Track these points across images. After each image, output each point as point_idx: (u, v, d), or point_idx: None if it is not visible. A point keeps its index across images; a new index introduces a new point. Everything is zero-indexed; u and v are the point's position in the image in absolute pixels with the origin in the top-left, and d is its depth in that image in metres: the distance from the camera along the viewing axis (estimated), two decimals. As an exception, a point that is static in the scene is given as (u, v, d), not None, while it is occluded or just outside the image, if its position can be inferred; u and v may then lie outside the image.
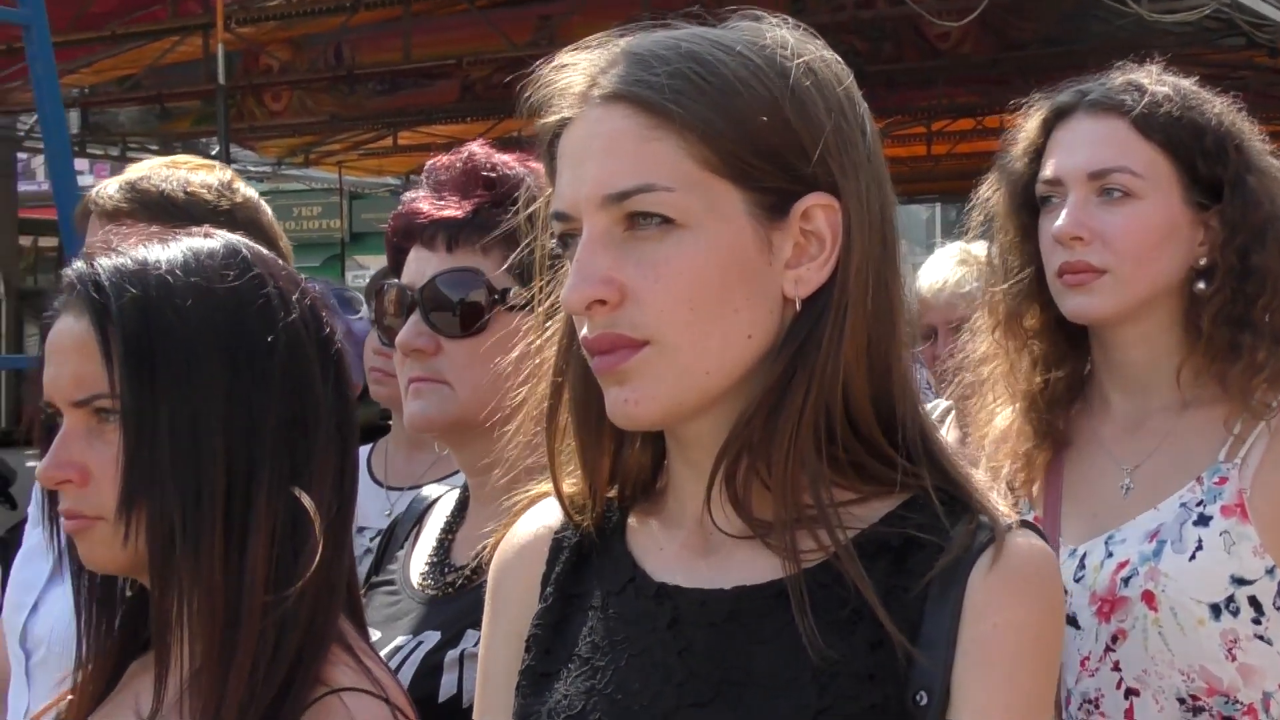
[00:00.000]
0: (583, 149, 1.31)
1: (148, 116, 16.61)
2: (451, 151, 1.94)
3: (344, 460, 1.52)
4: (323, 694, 1.43)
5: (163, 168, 2.45)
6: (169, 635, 1.47)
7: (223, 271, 1.48)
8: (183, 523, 1.42)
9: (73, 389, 1.46)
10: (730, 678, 1.29)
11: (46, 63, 4.81)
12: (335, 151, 18.39)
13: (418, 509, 2.03)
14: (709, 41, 1.31)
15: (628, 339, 1.28)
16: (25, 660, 2.30)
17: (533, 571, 1.45)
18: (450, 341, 1.82)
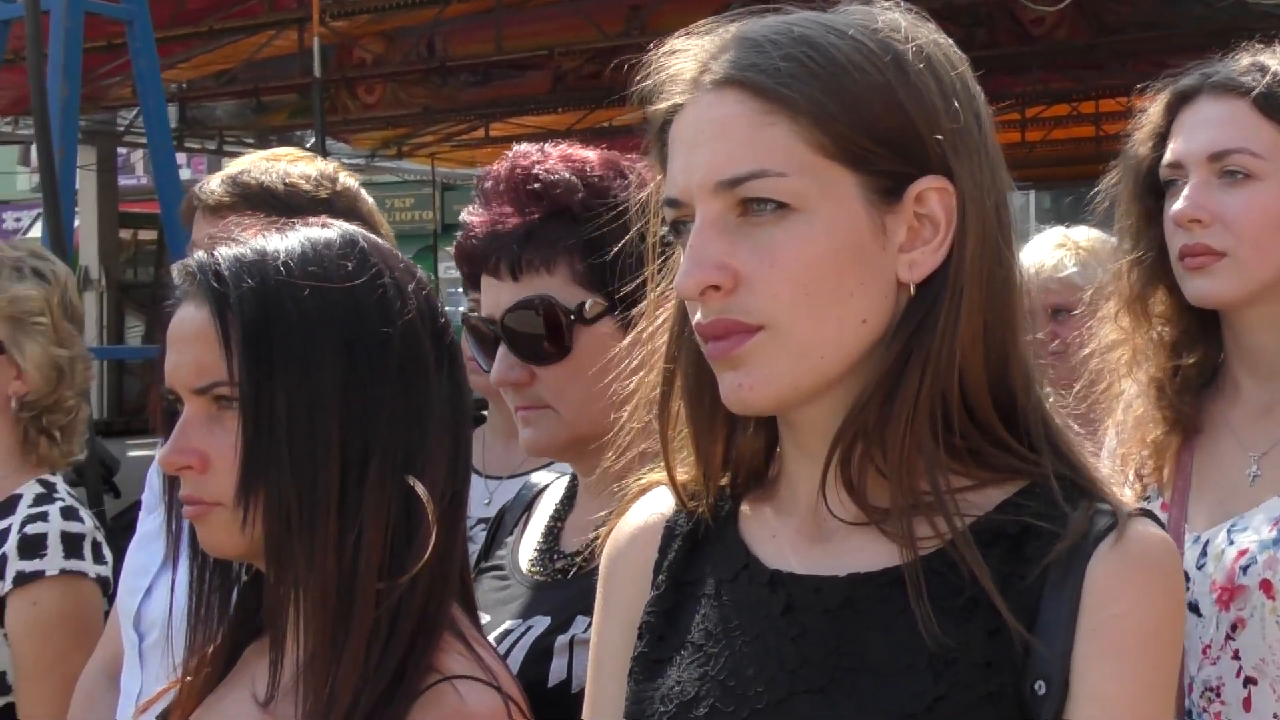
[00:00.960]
0: (695, 135, 1.30)
1: (244, 110, 16.79)
2: (500, 159, 1.92)
3: (457, 449, 1.53)
4: (435, 681, 1.44)
5: (262, 161, 2.49)
6: (283, 620, 1.49)
7: (340, 261, 1.49)
8: (298, 509, 1.44)
9: (193, 377, 1.48)
10: (844, 664, 1.28)
11: (149, 58, 4.89)
12: (428, 143, 18.50)
13: (526, 496, 2.04)
14: (821, 25, 1.30)
15: (742, 324, 1.27)
16: (138, 643, 2.34)
17: (645, 558, 1.45)
18: (542, 368, 1.82)
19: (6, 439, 2.79)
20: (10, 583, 2.61)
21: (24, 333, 2.75)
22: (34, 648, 2.62)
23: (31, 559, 2.62)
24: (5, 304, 2.73)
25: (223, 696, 1.57)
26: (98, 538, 2.71)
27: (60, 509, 2.70)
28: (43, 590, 2.62)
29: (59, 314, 2.80)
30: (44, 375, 2.77)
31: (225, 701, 1.56)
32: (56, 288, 2.81)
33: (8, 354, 2.75)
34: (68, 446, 2.86)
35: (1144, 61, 12.95)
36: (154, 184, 5.32)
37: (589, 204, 1.77)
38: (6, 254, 2.79)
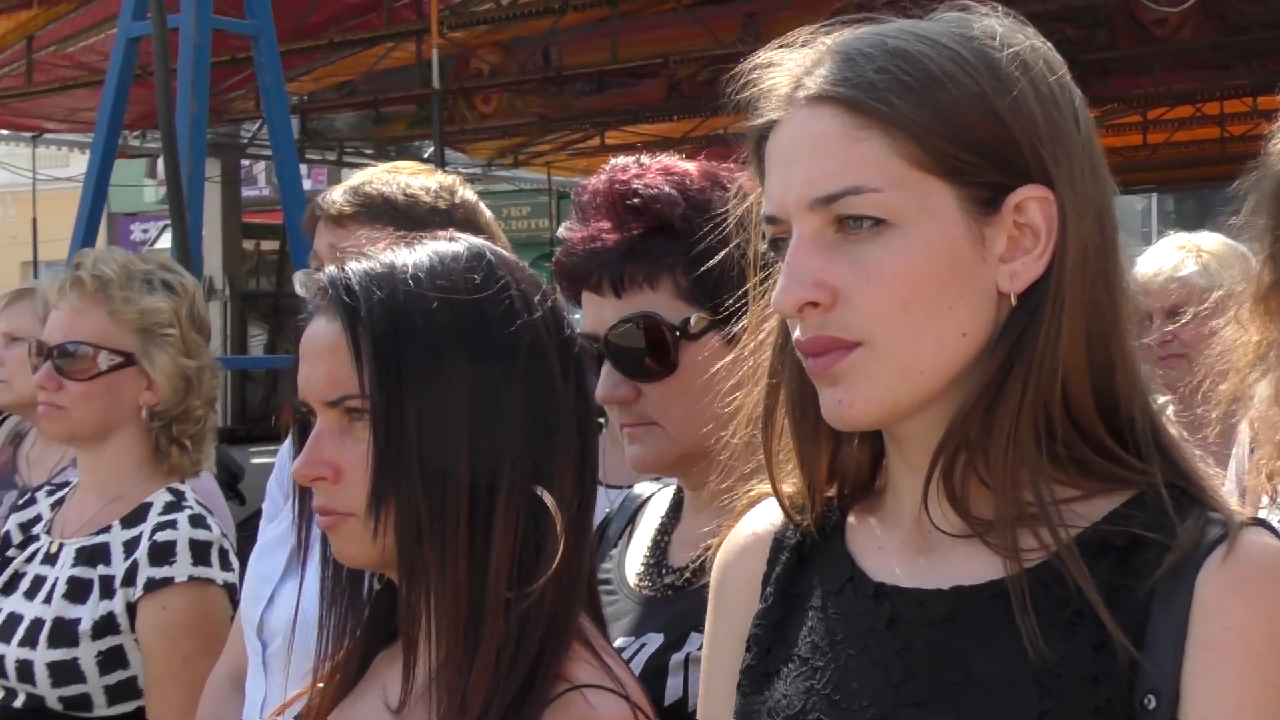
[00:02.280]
0: (790, 151, 1.29)
1: (363, 121, 17.00)
2: (597, 171, 1.92)
3: (585, 459, 1.54)
4: (565, 690, 1.45)
5: (384, 173, 2.53)
6: (415, 628, 1.51)
7: (467, 274, 1.50)
8: (429, 519, 1.46)
9: (325, 389, 1.50)
10: (949, 678, 1.27)
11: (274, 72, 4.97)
12: (544, 152, 18.62)
13: (630, 507, 2.04)
14: (915, 36, 1.29)
15: (840, 340, 1.27)
16: (262, 650, 2.37)
17: (754, 571, 1.45)
18: (647, 385, 1.82)
19: (138, 448, 2.85)
20: (141, 589, 2.67)
21: (154, 344, 2.80)
22: (163, 652, 2.68)
23: (161, 566, 2.68)
24: (136, 316, 2.79)
25: (355, 703, 1.59)
26: (224, 545, 2.77)
27: (189, 517, 2.76)
28: (172, 596, 2.69)
29: (187, 325, 2.85)
30: (173, 386, 2.83)
31: (358, 708, 1.58)
32: (185, 299, 2.86)
33: (138, 365, 2.80)
34: (196, 455, 2.92)
35: (1272, 61, 12.71)
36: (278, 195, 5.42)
37: (690, 218, 1.76)
38: (137, 267, 2.84)
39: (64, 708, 2.67)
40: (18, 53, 13.93)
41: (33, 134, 16.79)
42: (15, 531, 2.93)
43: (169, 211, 4.78)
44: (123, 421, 2.84)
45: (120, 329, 2.80)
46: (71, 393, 2.79)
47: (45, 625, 2.68)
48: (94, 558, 2.74)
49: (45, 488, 3.06)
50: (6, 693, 2.71)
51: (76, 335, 2.79)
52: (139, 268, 2.84)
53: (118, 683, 2.69)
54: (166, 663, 2.68)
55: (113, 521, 2.78)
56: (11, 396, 3.95)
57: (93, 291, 2.79)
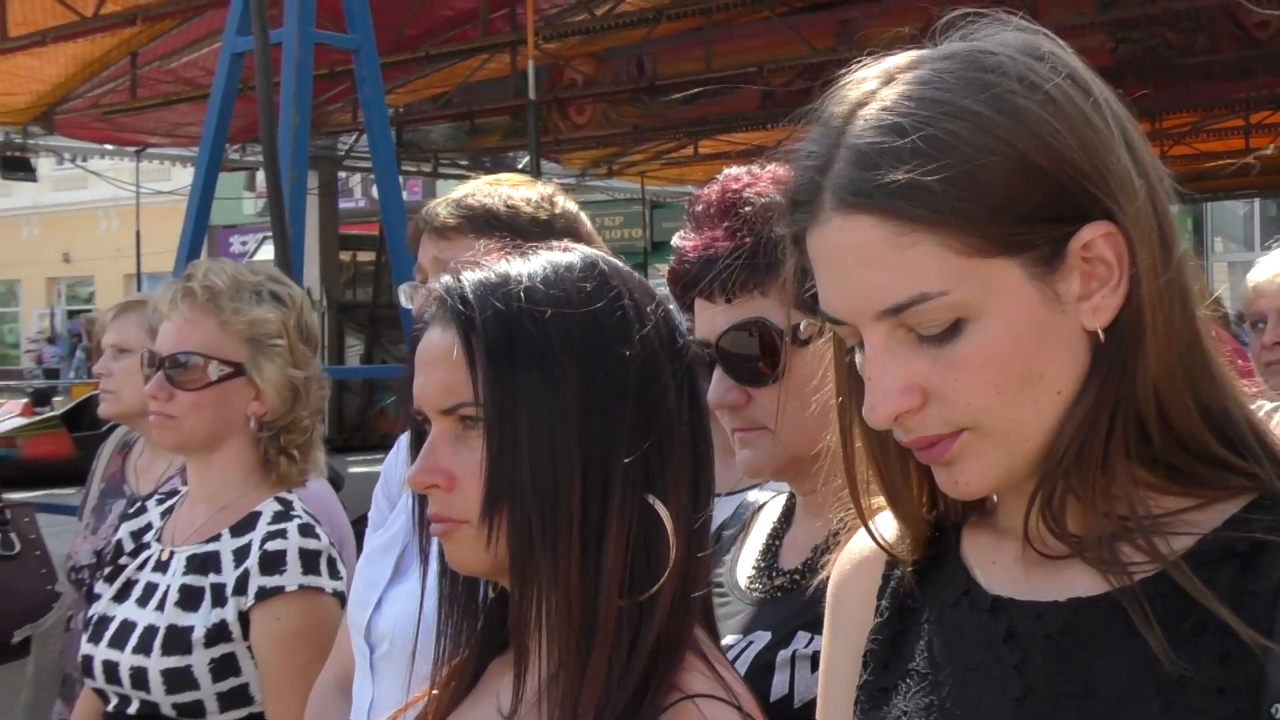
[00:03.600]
0: (837, 262, 1.25)
1: (458, 133, 17.16)
2: (709, 182, 1.93)
3: (698, 468, 1.52)
4: (678, 699, 1.44)
5: (485, 184, 2.55)
6: (527, 636, 1.50)
7: (580, 284, 1.50)
8: (541, 527, 1.45)
9: (440, 397, 1.50)
10: (1069, 691, 1.24)
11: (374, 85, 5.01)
12: (637, 162, 18.70)
13: (744, 514, 2.05)
14: (936, 107, 1.21)
15: (943, 434, 1.25)
16: (369, 655, 2.38)
17: (868, 586, 1.44)
18: (758, 390, 1.82)
19: (247, 458, 2.88)
20: (253, 597, 2.70)
21: (263, 354, 2.83)
22: (279, 662, 2.71)
23: (272, 575, 2.70)
24: (245, 327, 2.82)
25: (470, 709, 1.59)
26: (332, 554, 2.79)
27: (298, 526, 2.78)
28: (284, 605, 2.71)
29: (295, 336, 2.88)
30: (281, 396, 2.86)
31: (471, 715, 1.58)
32: (293, 310, 2.89)
33: (247, 375, 2.83)
34: (304, 465, 2.95)
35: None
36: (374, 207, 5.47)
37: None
38: (246, 278, 2.87)
39: (178, 714, 2.70)
40: (122, 69, 14.22)
41: (136, 149, 17.08)
42: (127, 539, 2.97)
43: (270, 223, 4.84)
44: (232, 431, 2.87)
45: (230, 339, 2.82)
46: (182, 402, 2.82)
47: (159, 633, 2.71)
48: (205, 566, 2.76)
49: (155, 496, 3.10)
50: (121, 699, 2.74)
51: (187, 346, 2.82)
52: (248, 279, 2.87)
53: (230, 689, 2.71)
54: (283, 672, 2.70)
55: (222, 530, 2.81)
56: (120, 407, 4.00)
57: (203, 302, 2.82)
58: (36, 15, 12.40)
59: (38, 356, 42.94)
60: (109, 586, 2.88)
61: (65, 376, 37.97)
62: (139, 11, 12.08)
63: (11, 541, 4.51)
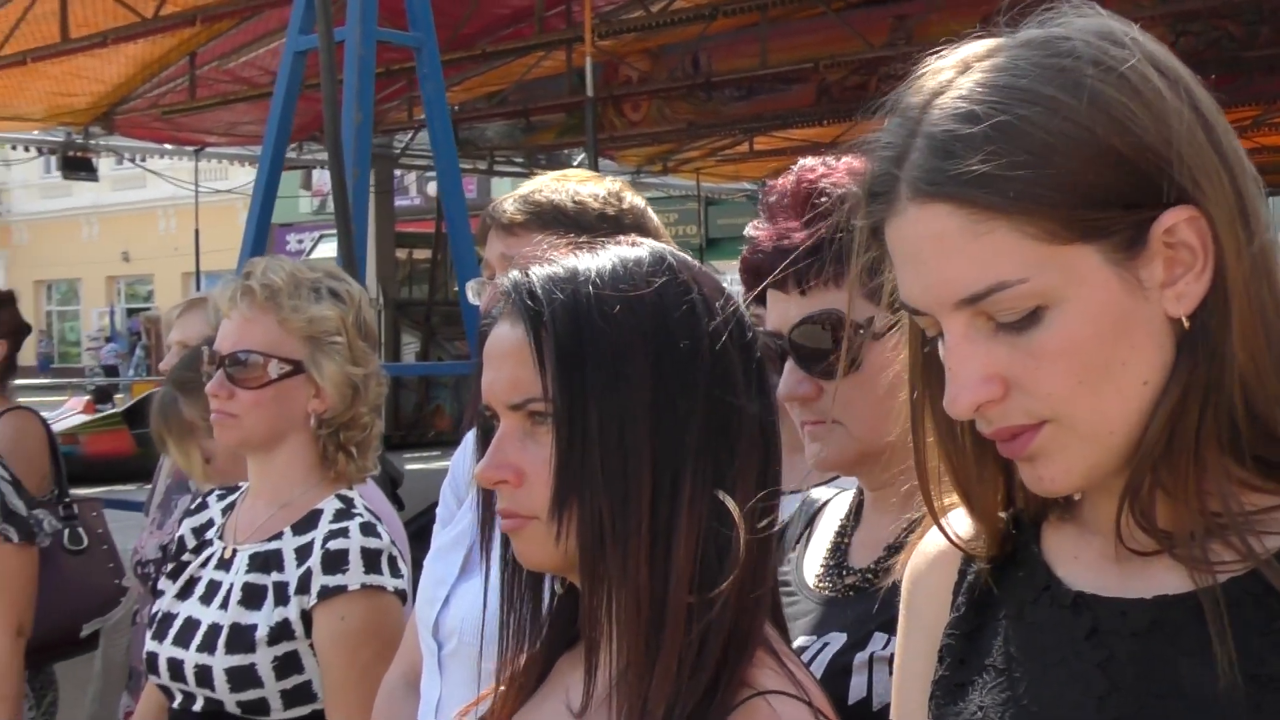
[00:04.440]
0: (914, 251, 1.24)
1: (513, 130, 17.17)
2: (784, 172, 1.91)
3: (768, 464, 1.52)
4: (748, 696, 1.43)
5: (553, 180, 2.54)
6: (597, 632, 1.50)
7: (649, 278, 1.50)
8: (611, 523, 1.45)
9: (508, 393, 1.51)
10: (1155, 690, 1.22)
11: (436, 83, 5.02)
12: (692, 158, 18.67)
13: (809, 511, 2.03)
14: (1011, 94, 1.20)
15: (1026, 425, 1.23)
16: (437, 651, 2.38)
17: (945, 581, 1.42)
18: (830, 382, 1.81)
19: (307, 456, 2.89)
20: (315, 596, 2.70)
21: (322, 352, 2.83)
22: (343, 661, 2.71)
23: (334, 574, 2.71)
24: (304, 324, 2.83)
25: (538, 706, 1.59)
26: (394, 552, 2.79)
27: (359, 525, 2.78)
28: (347, 605, 2.71)
29: (354, 333, 2.88)
30: (340, 393, 2.86)
31: (540, 711, 1.58)
32: (352, 307, 2.90)
33: (307, 373, 2.84)
34: (363, 462, 2.95)
35: None
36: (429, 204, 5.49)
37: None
38: (305, 275, 2.88)
39: (242, 711, 2.71)
40: (181, 69, 14.31)
41: (195, 148, 17.21)
42: (189, 536, 2.98)
43: (335, 221, 4.86)
44: (292, 429, 2.87)
45: (289, 337, 2.83)
46: (243, 401, 2.82)
47: (223, 631, 2.72)
48: (267, 564, 2.78)
49: (215, 492, 3.11)
50: (185, 696, 2.76)
51: (247, 344, 2.82)
52: (307, 276, 2.88)
53: (294, 687, 2.72)
54: (347, 672, 2.71)
55: (284, 528, 2.82)
56: None
57: (262, 300, 2.82)
58: (97, 16, 12.50)
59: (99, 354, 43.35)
60: (172, 584, 2.90)
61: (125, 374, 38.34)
62: (198, 12, 12.16)
63: (80, 536, 4.56)
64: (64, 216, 46.69)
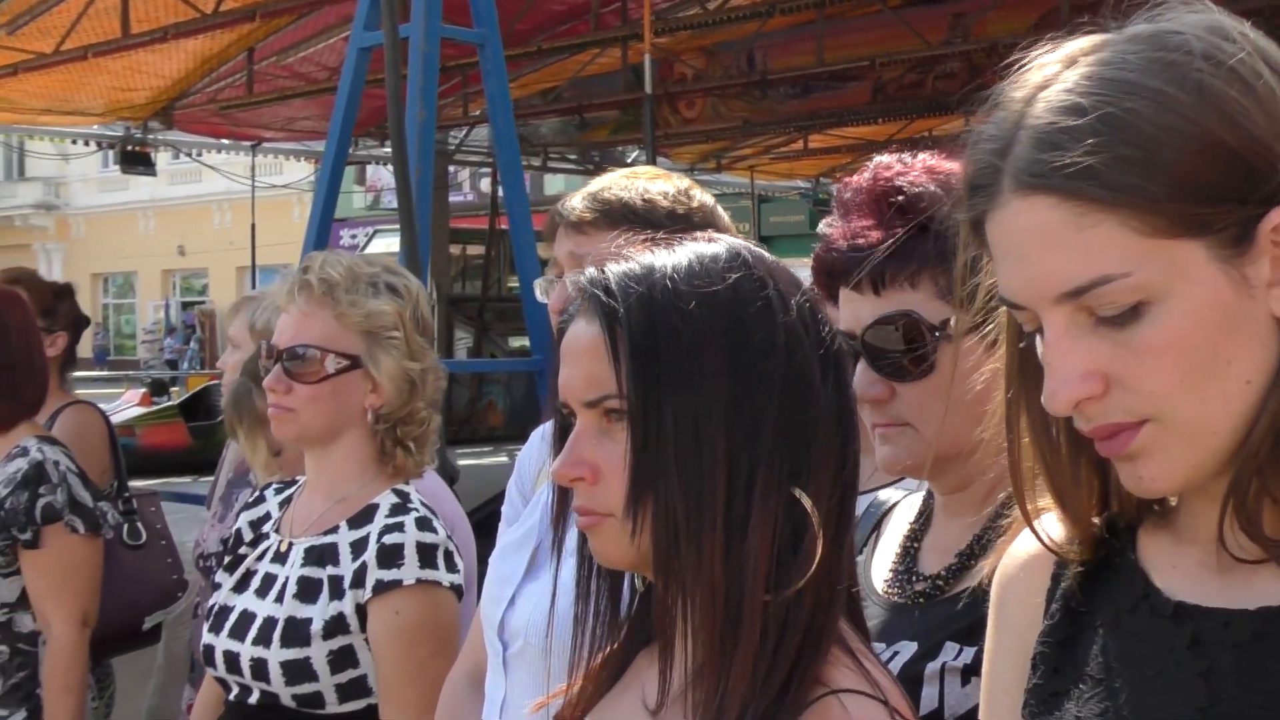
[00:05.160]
0: (1016, 245, 1.22)
1: (567, 128, 17.23)
2: (859, 169, 1.89)
3: (844, 461, 1.50)
4: (822, 694, 1.42)
5: (622, 178, 2.50)
6: (672, 630, 1.49)
7: (724, 273, 1.49)
8: (686, 520, 1.44)
9: (584, 389, 1.50)
10: (1259, 702, 1.20)
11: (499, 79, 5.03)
12: (746, 156, 18.66)
13: (875, 514, 2.01)
14: (1117, 87, 1.18)
15: (1126, 423, 1.21)
16: (503, 651, 2.36)
17: (1036, 588, 1.40)
18: (902, 385, 1.79)
19: (364, 450, 2.88)
20: (370, 590, 2.70)
21: (379, 347, 2.83)
22: (399, 657, 2.71)
23: (389, 568, 2.70)
24: (361, 319, 2.82)
25: (613, 702, 1.59)
26: (449, 547, 2.79)
27: (415, 519, 2.78)
28: (403, 600, 2.71)
29: (411, 328, 2.87)
30: (397, 388, 2.85)
31: (616, 707, 1.58)
32: (409, 302, 2.89)
33: (364, 368, 2.83)
34: (420, 457, 2.94)
35: None
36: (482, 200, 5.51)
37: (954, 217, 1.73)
38: (362, 270, 2.87)
39: (297, 705, 2.71)
40: (239, 64, 14.42)
41: (252, 143, 17.33)
42: (246, 530, 2.99)
43: (398, 216, 4.87)
44: (349, 423, 2.87)
45: (346, 332, 2.82)
46: (300, 395, 2.82)
47: (278, 625, 2.73)
48: (323, 558, 2.77)
49: (273, 486, 3.12)
50: (242, 689, 2.77)
51: (304, 338, 2.82)
52: (364, 271, 2.87)
53: (349, 681, 2.72)
54: (403, 667, 2.71)
55: (340, 522, 2.81)
56: None
57: (320, 295, 2.82)
58: (157, 12, 12.61)
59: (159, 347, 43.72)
60: (229, 576, 2.91)
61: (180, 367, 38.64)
62: (257, 8, 12.25)
63: (139, 531, 4.60)
64: (121, 210, 47.17)
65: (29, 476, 3.57)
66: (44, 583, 3.57)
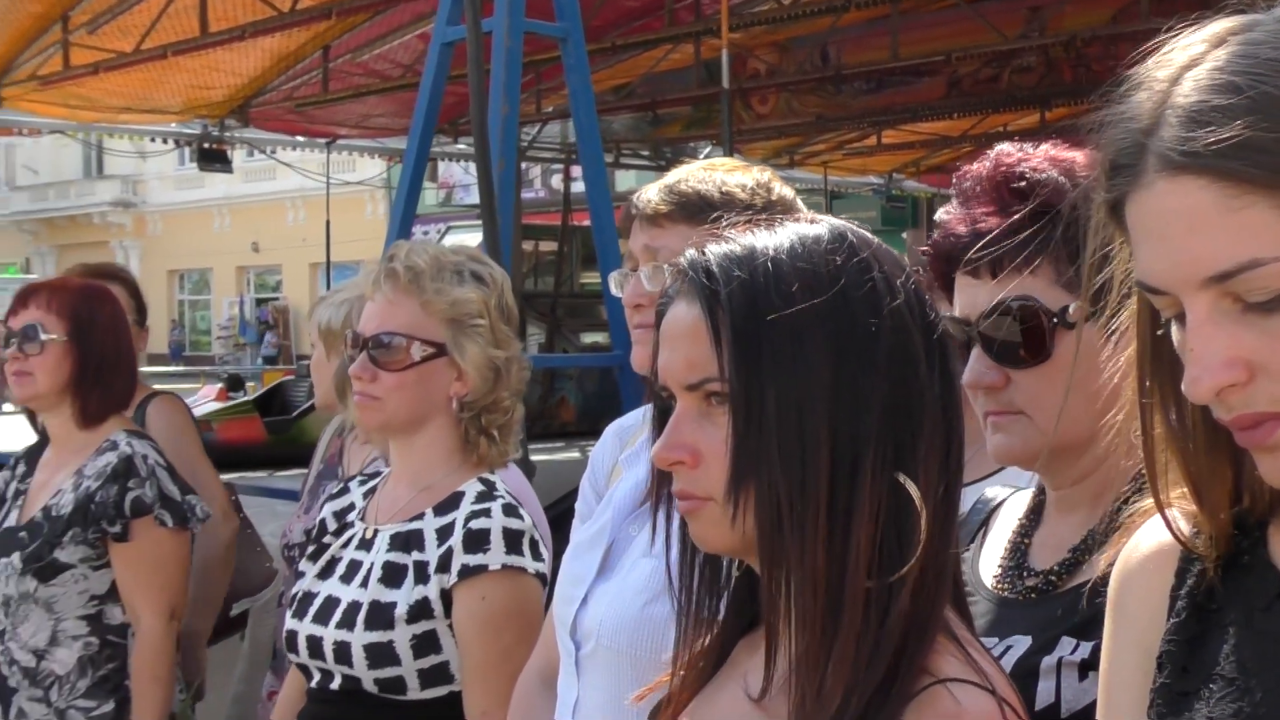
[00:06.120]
0: (1160, 227, 1.18)
1: (640, 123, 17.22)
2: (979, 157, 1.86)
3: (950, 447, 1.48)
4: (929, 684, 1.40)
5: (700, 170, 2.46)
6: (776, 616, 1.48)
7: (829, 256, 1.47)
8: (789, 505, 1.42)
9: (684, 373, 1.49)
10: None
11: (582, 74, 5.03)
12: (819, 152, 18.57)
13: (982, 510, 1.98)
14: (1270, 65, 1.14)
15: (1270, 413, 1.17)
16: (575, 652, 2.32)
17: (1160, 584, 1.36)
18: (1018, 372, 1.76)
19: (449, 438, 2.89)
20: (456, 575, 2.70)
21: (464, 335, 2.83)
22: (485, 643, 2.71)
23: (475, 553, 2.71)
24: (447, 307, 2.82)
25: (716, 690, 1.57)
26: (535, 535, 2.79)
27: (502, 506, 2.78)
28: (489, 586, 2.71)
29: (496, 316, 2.87)
30: (482, 376, 2.85)
31: (719, 695, 1.56)
32: (494, 290, 2.89)
33: (449, 356, 2.84)
34: (504, 446, 2.94)
35: None
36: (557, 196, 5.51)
37: (1075, 204, 1.69)
38: (448, 258, 2.87)
39: (379, 690, 2.71)
40: (314, 62, 14.52)
41: (327, 140, 17.45)
42: (330, 519, 3.00)
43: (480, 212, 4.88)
44: (434, 412, 2.87)
45: (432, 320, 2.83)
46: (385, 383, 2.82)
47: (362, 608, 2.73)
48: (408, 544, 2.78)
49: (358, 478, 3.13)
50: (323, 674, 2.77)
51: (390, 326, 2.82)
52: (449, 259, 2.87)
53: (431, 667, 2.72)
54: (488, 653, 2.70)
55: (425, 509, 2.82)
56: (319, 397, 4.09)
57: (406, 283, 2.82)
58: (235, 10, 12.72)
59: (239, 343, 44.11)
60: (313, 565, 2.92)
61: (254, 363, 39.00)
62: (333, 5, 12.33)
63: (234, 513, 4.64)
64: (197, 208, 47.67)
65: (118, 470, 3.61)
66: (132, 575, 3.60)
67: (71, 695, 3.57)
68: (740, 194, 2.35)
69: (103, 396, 3.74)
